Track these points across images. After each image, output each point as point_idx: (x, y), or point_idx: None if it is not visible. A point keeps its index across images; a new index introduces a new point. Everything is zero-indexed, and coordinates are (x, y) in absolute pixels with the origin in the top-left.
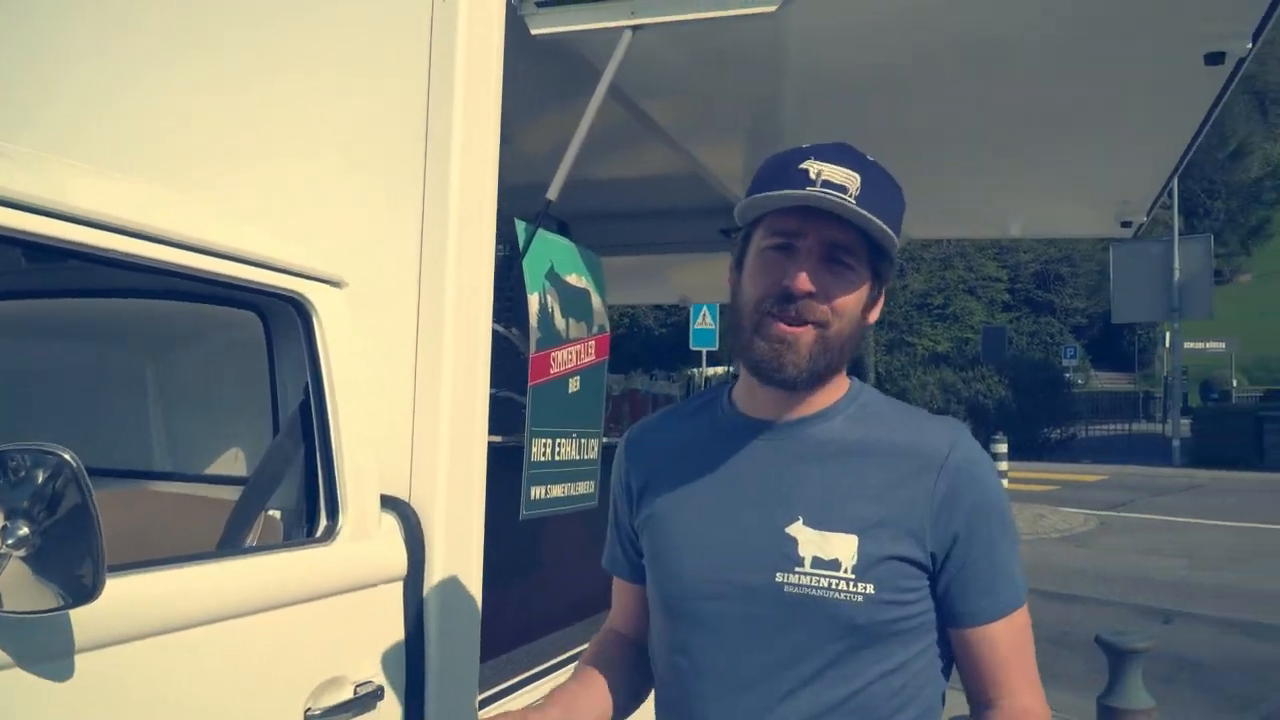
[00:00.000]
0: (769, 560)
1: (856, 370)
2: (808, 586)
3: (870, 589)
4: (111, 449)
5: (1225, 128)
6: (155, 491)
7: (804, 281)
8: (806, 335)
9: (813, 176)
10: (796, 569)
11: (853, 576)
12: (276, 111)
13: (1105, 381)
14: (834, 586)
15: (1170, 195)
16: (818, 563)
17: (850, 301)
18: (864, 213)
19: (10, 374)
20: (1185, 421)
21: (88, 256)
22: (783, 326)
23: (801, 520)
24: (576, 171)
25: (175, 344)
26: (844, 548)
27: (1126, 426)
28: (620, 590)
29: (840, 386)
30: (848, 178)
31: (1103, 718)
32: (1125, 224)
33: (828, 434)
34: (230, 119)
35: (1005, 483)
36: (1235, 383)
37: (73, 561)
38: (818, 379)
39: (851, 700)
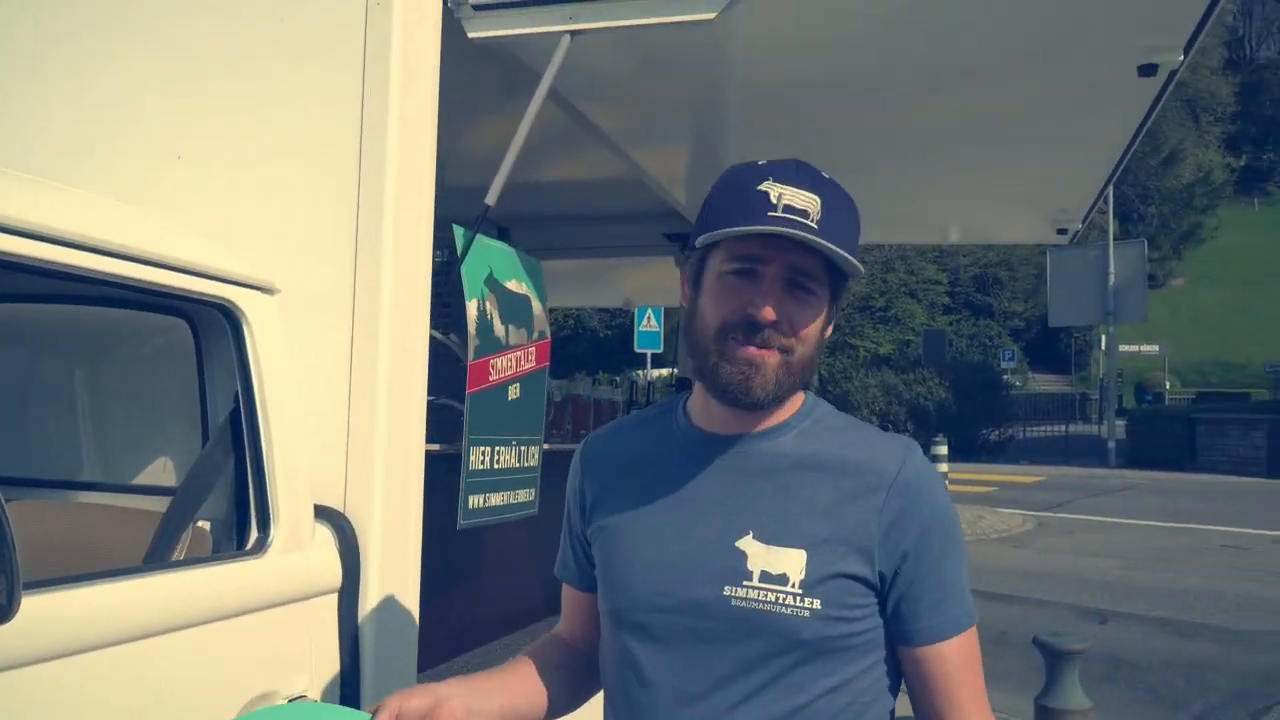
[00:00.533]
0: (718, 574)
1: None
2: (755, 600)
3: (817, 604)
4: (37, 458)
5: (1159, 135)
6: (81, 503)
7: (770, 313)
8: (772, 359)
9: (774, 201)
10: (745, 583)
11: (800, 591)
12: (209, 117)
13: (1043, 383)
14: (781, 601)
15: (1105, 201)
16: (766, 577)
17: (813, 328)
18: (830, 245)
19: None
20: (1120, 423)
21: (10, 264)
22: (751, 350)
23: (752, 535)
24: (519, 176)
25: (103, 351)
26: (792, 563)
27: (1063, 428)
28: (570, 597)
29: (795, 401)
30: (809, 201)
31: (1040, 718)
32: (1061, 231)
33: (781, 449)
34: (161, 125)
35: (945, 483)
36: (1168, 385)
37: None
38: (780, 400)
39: (797, 714)
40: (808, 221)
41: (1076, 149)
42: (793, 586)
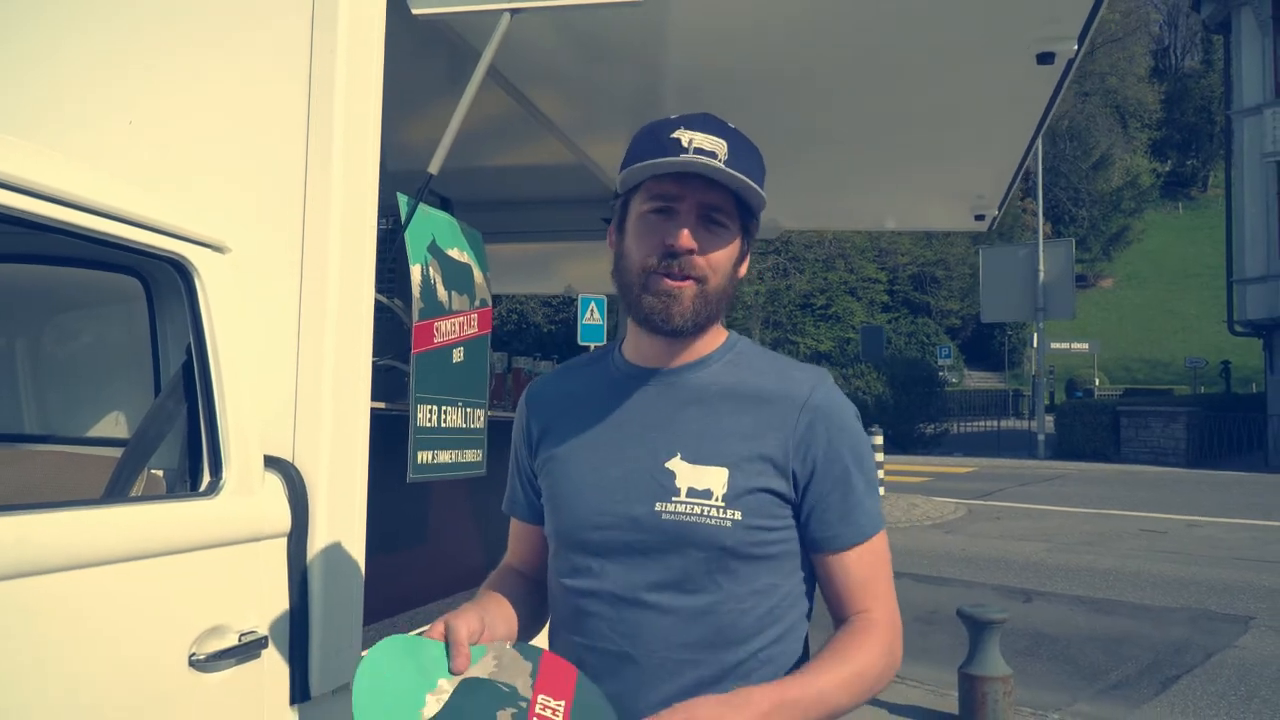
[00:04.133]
0: (650, 491)
1: None
2: (683, 514)
3: (738, 515)
4: None
5: (1089, 140)
6: (35, 451)
7: (686, 239)
8: (689, 289)
9: (685, 144)
10: (674, 498)
11: (722, 504)
12: (165, 86)
13: (977, 380)
14: (706, 513)
15: (1036, 200)
16: (692, 493)
17: (724, 257)
18: (736, 174)
19: None
20: (1050, 418)
21: None
22: (668, 281)
23: (680, 456)
24: (464, 160)
25: (57, 310)
26: (716, 479)
27: (996, 423)
28: (517, 531)
29: (718, 336)
30: (716, 144)
31: (964, 685)
32: (979, 217)
33: (706, 379)
34: (121, 93)
35: (881, 474)
36: (1098, 381)
37: None
38: (700, 328)
39: (720, 610)
40: (716, 160)
41: (987, 138)
42: (716, 500)
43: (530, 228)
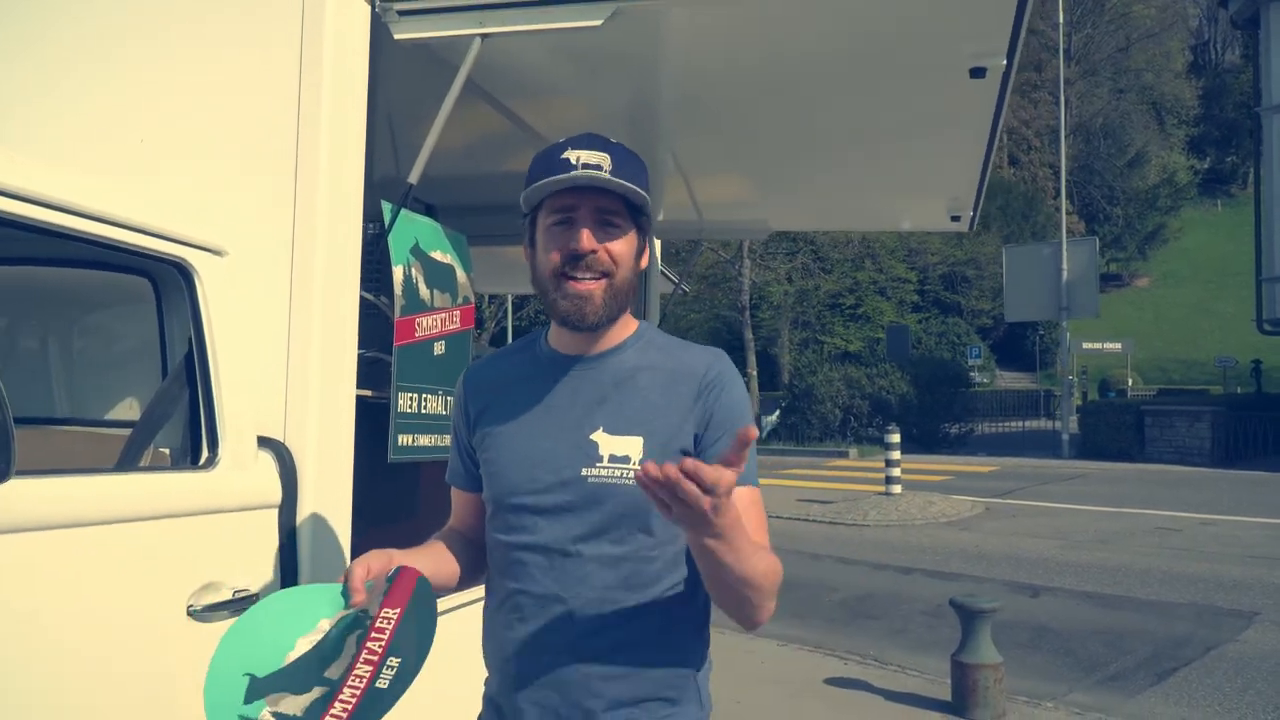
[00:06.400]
0: (577, 459)
1: (770, 367)
2: (605, 477)
3: None
4: (16, 401)
5: (1124, 137)
6: (57, 431)
7: (588, 239)
8: (598, 287)
9: (574, 162)
10: (597, 464)
11: (639, 468)
12: (169, 108)
13: (1009, 381)
14: (624, 476)
15: (1061, 198)
16: (613, 459)
17: (624, 249)
18: (619, 180)
19: None
20: (1075, 417)
21: (7, 223)
22: (576, 284)
23: (602, 429)
24: (450, 167)
25: (79, 310)
26: (633, 447)
27: (1022, 423)
28: (459, 498)
29: (630, 326)
30: (600, 158)
31: (956, 673)
32: (955, 218)
33: (621, 363)
34: (129, 111)
35: (898, 471)
36: (1130, 382)
37: None
38: (612, 320)
39: (635, 558)
40: (602, 171)
41: (947, 146)
42: (634, 465)
43: (514, 231)
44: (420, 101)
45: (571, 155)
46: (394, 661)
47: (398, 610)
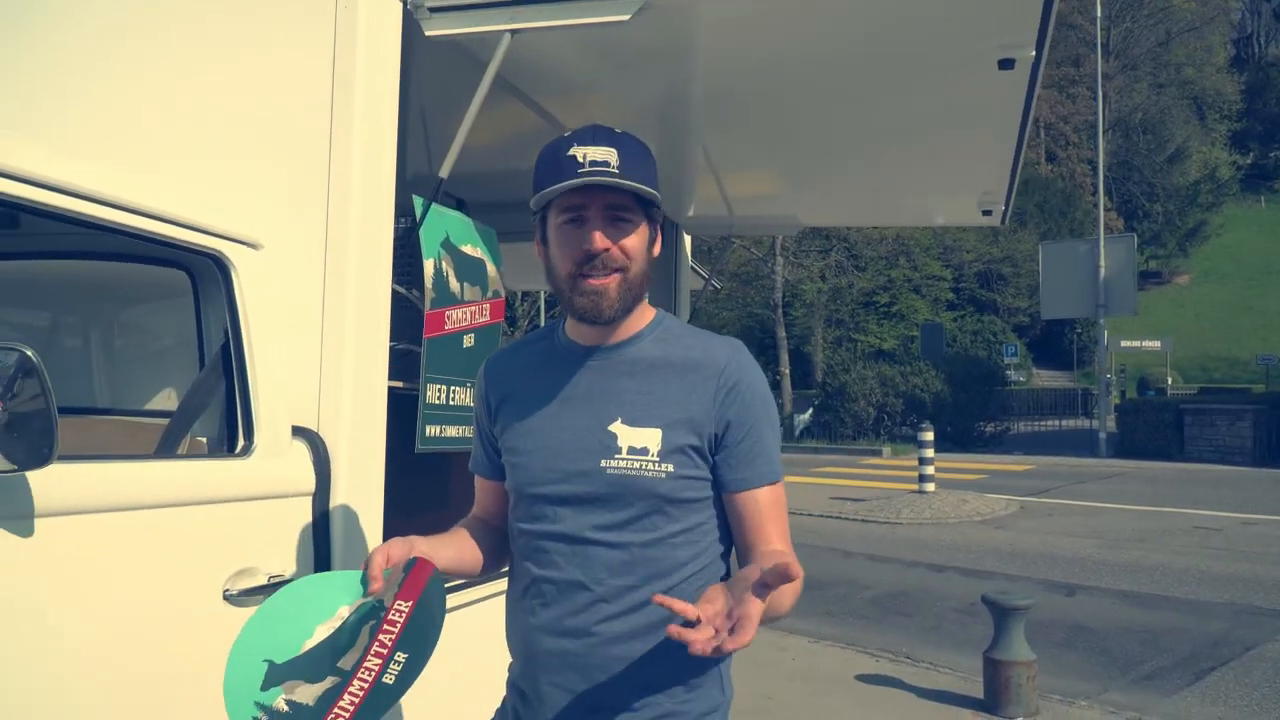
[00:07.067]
0: (596, 450)
1: (803, 365)
2: (624, 468)
3: (670, 468)
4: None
5: (1164, 132)
6: (98, 420)
7: (600, 239)
8: (613, 282)
9: (581, 160)
10: (616, 455)
11: (657, 459)
12: (207, 108)
13: (1047, 379)
14: (644, 467)
15: (1098, 194)
16: (632, 450)
17: (636, 244)
18: (627, 181)
19: None
20: (1113, 416)
21: (54, 215)
22: (592, 281)
23: (620, 420)
24: (482, 162)
25: (120, 304)
26: (651, 439)
27: (1059, 422)
28: (482, 486)
29: (646, 316)
30: (607, 153)
31: (988, 670)
32: (986, 212)
33: (638, 354)
34: (157, 106)
35: (932, 469)
36: (1170, 380)
37: (32, 433)
38: (628, 311)
39: (654, 546)
40: (609, 168)
41: (977, 140)
42: (652, 456)
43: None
44: (451, 97)
45: (578, 153)
46: (401, 657)
47: (410, 604)
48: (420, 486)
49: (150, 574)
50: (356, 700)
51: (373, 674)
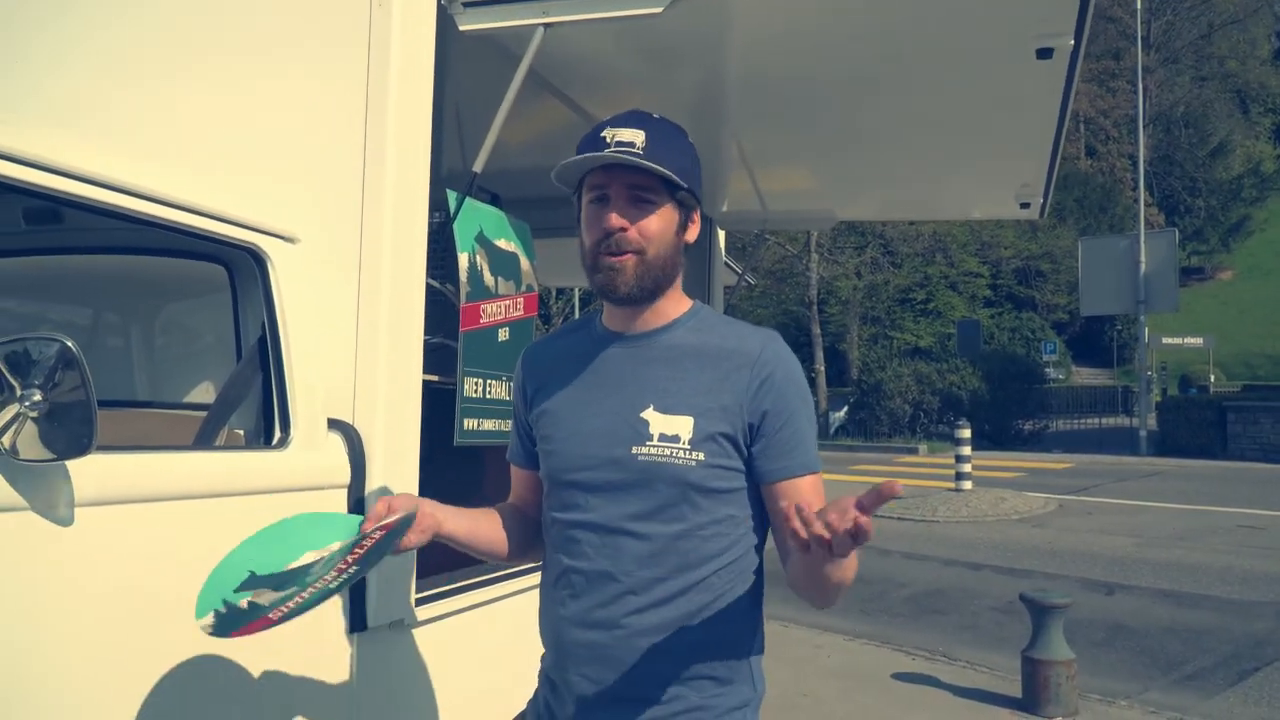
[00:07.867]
0: (627, 437)
1: (839, 362)
2: (655, 455)
3: (701, 456)
4: (103, 385)
5: (1206, 126)
6: (139, 413)
7: (614, 220)
8: (628, 261)
9: (608, 140)
10: (647, 443)
11: (689, 447)
12: (236, 97)
13: (1086, 377)
14: (675, 455)
15: (1139, 189)
16: (663, 438)
17: (657, 226)
18: (642, 161)
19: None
20: (1154, 414)
21: (91, 209)
22: (608, 258)
23: (652, 407)
24: (516, 158)
25: (160, 300)
26: (683, 426)
27: (1099, 420)
28: (518, 475)
29: (683, 304)
30: (635, 135)
31: (1026, 669)
32: (1024, 205)
33: (672, 341)
34: (192, 102)
35: (969, 467)
36: (1213, 378)
37: (72, 423)
38: (649, 293)
39: (684, 538)
40: (634, 149)
41: (1015, 131)
42: (683, 444)
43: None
44: (485, 92)
45: (608, 134)
46: (353, 570)
47: (382, 533)
48: (455, 480)
49: (186, 563)
50: (303, 596)
51: (325, 581)
